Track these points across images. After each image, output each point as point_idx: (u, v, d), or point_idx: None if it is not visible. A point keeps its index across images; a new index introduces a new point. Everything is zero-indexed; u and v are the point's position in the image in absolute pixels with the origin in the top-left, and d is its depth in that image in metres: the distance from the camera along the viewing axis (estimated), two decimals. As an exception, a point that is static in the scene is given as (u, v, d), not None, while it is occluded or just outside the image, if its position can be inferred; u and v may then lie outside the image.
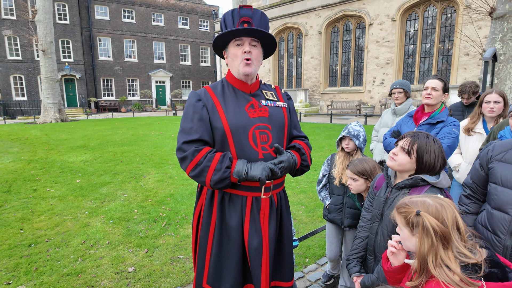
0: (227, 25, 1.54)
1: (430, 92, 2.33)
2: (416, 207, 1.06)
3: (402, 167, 1.49)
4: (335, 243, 2.48)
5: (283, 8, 22.49)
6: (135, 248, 3.18)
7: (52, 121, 17.18)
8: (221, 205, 1.57)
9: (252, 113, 1.53)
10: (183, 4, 30.09)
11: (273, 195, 1.61)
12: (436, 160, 1.44)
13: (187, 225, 3.74)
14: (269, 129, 1.54)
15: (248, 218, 1.54)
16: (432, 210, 1.03)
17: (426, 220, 1.01)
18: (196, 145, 1.48)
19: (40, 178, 5.81)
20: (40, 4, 16.24)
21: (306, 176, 5.78)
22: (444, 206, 1.04)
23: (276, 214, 1.63)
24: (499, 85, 5.63)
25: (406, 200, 1.13)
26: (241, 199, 1.55)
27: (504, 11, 5.39)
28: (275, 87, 1.74)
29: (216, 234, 1.57)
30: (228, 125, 1.48)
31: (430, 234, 0.99)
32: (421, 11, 16.44)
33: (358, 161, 2.05)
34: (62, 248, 3.20)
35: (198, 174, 1.46)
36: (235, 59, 1.54)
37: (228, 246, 1.57)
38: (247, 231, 1.54)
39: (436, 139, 1.48)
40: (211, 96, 1.55)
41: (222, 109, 1.51)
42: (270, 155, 1.53)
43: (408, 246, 1.12)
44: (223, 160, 1.44)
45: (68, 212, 4.16)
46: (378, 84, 18.24)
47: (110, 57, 27.46)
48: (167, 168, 6.51)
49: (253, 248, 1.53)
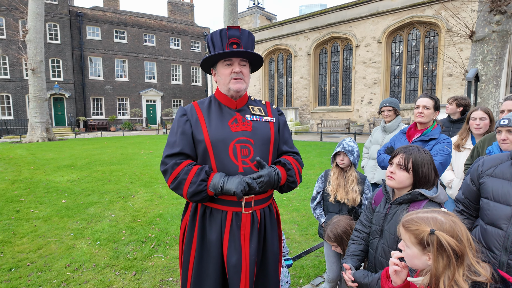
0: (215, 45, 1.56)
1: (421, 111, 2.38)
2: (427, 225, 1.02)
3: (402, 184, 1.49)
4: (336, 262, 2.39)
5: (273, 30, 23.13)
6: (123, 271, 3.05)
7: (39, 140, 16.83)
8: (202, 219, 1.56)
9: (234, 127, 1.55)
10: (175, 26, 30.64)
11: (255, 211, 1.56)
12: (430, 171, 1.45)
13: (177, 246, 3.63)
14: (251, 143, 1.54)
15: (227, 233, 1.51)
16: (446, 228, 0.99)
17: (443, 239, 0.96)
18: (177, 158, 1.52)
19: (24, 198, 5.61)
20: (31, 24, 16.28)
21: (298, 194, 5.74)
22: (456, 222, 1.01)
23: (259, 231, 1.58)
24: (483, 104, 5.81)
25: (414, 216, 1.08)
26: (221, 214, 1.53)
27: (484, 34, 5.65)
28: (266, 102, 1.76)
29: (197, 249, 1.56)
30: (209, 138, 1.51)
31: (447, 253, 0.96)
32: (405, 34, 17.13)
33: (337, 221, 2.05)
34: (44, 272, 3.04)
35: (176, 186, 1.49)
36: (224, 77, 1.58)
37: (208, 261, 1.54)
38: (226, 247, 1.51)
39: (426, 150, 1.51)
40: (196, 111, 1.60)
41: (205, 123, 1.55)
42: (250, 169, 1.52)
43: (415, 264, 1.07)
44: (199, 173, 1.46)
45: (53, 234, 3.99)
46: (366, 104, 18.64)
47: (100, 76, 27.45)
48: (157, 187, 6.39)
49: (232, 265, 1.48)
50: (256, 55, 1.57)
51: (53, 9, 24.32)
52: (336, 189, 2.26)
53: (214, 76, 1.65)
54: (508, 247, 1.35)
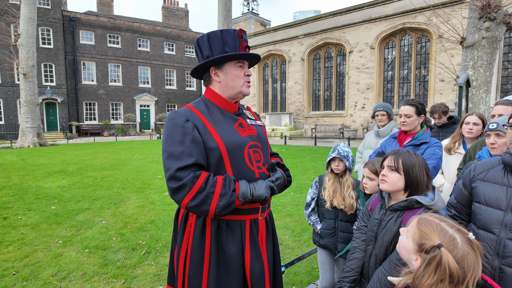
0: (228, 44, 1.46)
1: (404, 120, 2.43)
2: (442, 237, 0.95)
3: (395, 186, 1.47)
4: (330, 270, 2.35)
5: (267, 36, 23.28)
6: (111, 279, 2.97)
7: (30, 146, 16.59)
8: (216, 235, 1.42)
9: (242, 132, 1.48)
10: (169, 31, 30.67)
11: (267, 215, 1.58)
12: (421, 173, 1.44)
13: (167, 254, 3.56)
14: (260, 147, 1.52)
15: (248, 243, 1.44)
16: (457, 254, 0.92)
17: (445, 259, 0.90)
18: (193, 170, 1.31)
19: (12, 205, 5.49)
20: (23, 28, 16.15)
21: (292, 199, 5.71)
22: (470, 253, 0.93)
23: (272, 235, 1.58)
24: (474, 109, 5.88)
25: (436, 221, 1.01)
26: (240, 224, 1.44)
27: (474, 40, 5.73)
28: (247, 107, 1.75)
29: (211, 269, 1.40)
30: (224, 145, 1.38)
31: (442, 273, 0.91)
32: (398, 39, 17.36)
33: (377, 160, 2.03)
34: (30, 281, 2.95)
35: (200, 202, 1.28)
36: (236, 79, 1.49)
37: (227, 280, 1.40)
38: (248, 258, 1.42)
39: (417, 153, 1.50)
40: (199, 116, 1.43)
41: (214, 129, 1.40)
42: (264, 174, 1.50)
43: (401, 253, 1.08)
44: (226, 184, 1.32)
45: (40, 242, 3.89)
46: (359, 108, 18.78)
47: (94, 81, 27.27)
48: (149, 193, 6.31)
49: (256, 275, 1.41)
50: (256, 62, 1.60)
51: (46, 14, 24.18)
52: (332, 195, 2.22)
53: (216, 77, 1.50)
54: (500, 251, 1.33)
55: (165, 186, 6.79)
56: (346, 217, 2.24)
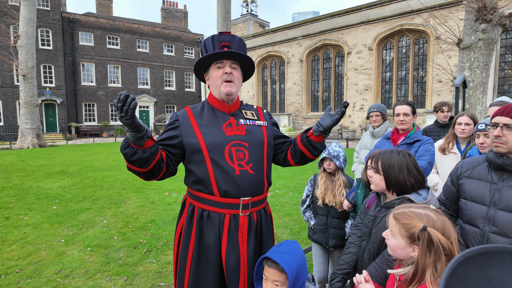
0: (208, 49, 1.62)
1: (403, 118, 2.51)
2: (421, 220, 1.07)
3: (379, 186, 1.52)
4: (323, 262, 2.46)
5: (266, 37, 23.36)
6: (114, 277, 3.04)
7: (30, 147, 16.62)
8: (199, 222, 1.56)
9: (229, 131, 1.58)
10: (168, 32, 30.73)
11: (252, 213, 1.59)
12: (401, 172, 1.43)
13: (168, 251, 3.63)
14: (246, 146, 1.58)
15: (225, 236, 1.53)
16: (438, 226, 1.04)
17: (435, 236, 1.02)
18: None
19: (14, 205, 5.54)
20: (23, 30, 16.19)
21: (290, 198, 5.79)
22: (446, 222, 1.07)
23: (255, 234, 1.61)
24: (470, 109, 5.96)
25: (407, 210, 1.12)
26: (219, 217, 1.54)
27: (470, 42, 5.82)
28: (257, 107, 1.80)
29: (194, 253, 1.56)
30: (204, 142, 1.54)
31: (436, 249, 1.01)
32: (396, 41, 17.47)
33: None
34: (34, 279, 3.01)
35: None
36: (216, 80, 1.61)
37: (206, 265, 1.54)
38: (224, 250, 1.52)
39: (404, 153, 1.48)
40: (189, 116, 1.63)
41: (198, 128, 1.58)
42: (246, 172, 1.55)
43: (398, 254, 1.13)
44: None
45: (43, 241, 3.96)
46: (358, 109, 18.87)
47: (93, 82, 27.30)
48: (149, 193, 6.37)
49: (230, 267, 1.50)
50: (246, 57, 1.61)
51: (45, 15, 24.21)
52: (324, 192, 2.32)
53: (208, 81, 1.68)
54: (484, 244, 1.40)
55: (165, 186, 6.86)
56: (337, 214, 2.33)
